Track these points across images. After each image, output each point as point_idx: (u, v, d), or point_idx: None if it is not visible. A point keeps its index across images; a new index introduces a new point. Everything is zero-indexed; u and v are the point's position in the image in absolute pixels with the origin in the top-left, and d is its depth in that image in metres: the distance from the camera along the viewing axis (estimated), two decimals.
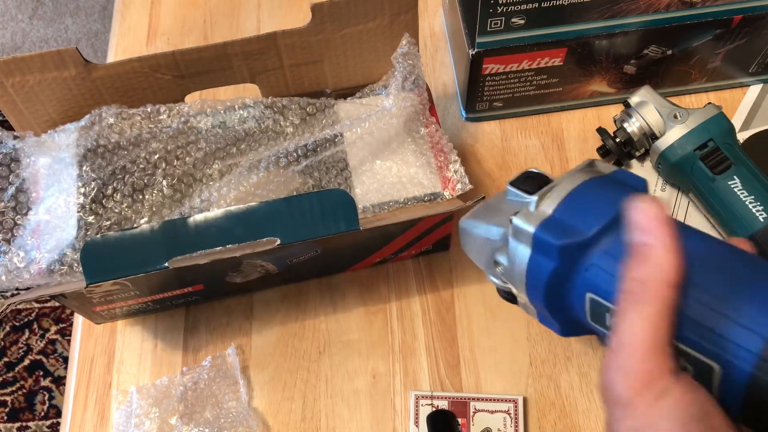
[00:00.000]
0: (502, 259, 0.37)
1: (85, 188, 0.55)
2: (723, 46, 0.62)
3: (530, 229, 0.34)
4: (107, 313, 0.58)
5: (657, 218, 0.29)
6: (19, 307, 1.39)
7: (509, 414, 0.56)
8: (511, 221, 0.35)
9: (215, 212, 0.49)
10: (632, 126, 0.61)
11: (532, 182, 0.37)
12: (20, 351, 1.36)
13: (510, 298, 0.40)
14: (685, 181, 0.60)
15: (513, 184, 0.38)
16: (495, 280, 0.39)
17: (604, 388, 0.29)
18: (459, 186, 0.56)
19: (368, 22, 0.56)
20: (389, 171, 0.57)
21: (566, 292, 0.34)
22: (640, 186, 0.35)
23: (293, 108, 0.58)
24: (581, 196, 0.34)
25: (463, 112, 0.69)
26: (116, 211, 0.55)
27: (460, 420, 0.56)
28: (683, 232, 0.30)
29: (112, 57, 0.76)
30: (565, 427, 0.57)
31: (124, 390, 0.59)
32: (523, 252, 0.35)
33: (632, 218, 0.30)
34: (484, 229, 0.39)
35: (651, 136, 0.60)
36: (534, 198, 0.36)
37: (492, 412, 0.57)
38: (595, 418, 0.57)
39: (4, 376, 1.34)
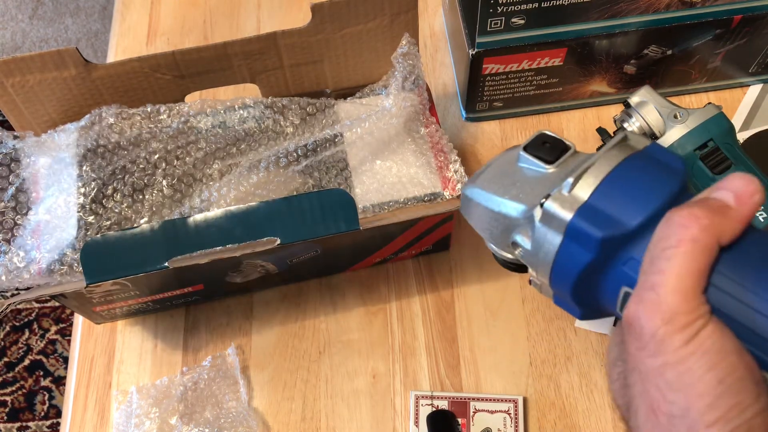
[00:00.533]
0: (523, 241, 0.34)
1: (85, 188, 0.55)
2: (723, 46, 0.62)
3: (566, 216, 0.31)
4: (107, 313, 0.58)
5: (753, 195, 0.29)
6: (19, 307, 1.39)
7: (509, 414, 0.56)
8: (542, 205, 0.32)
9: (215, 212, 0.49)
10: (632, 126, 0.61)
11: (549, 149, 0.35)
12: (20, 351, 1.36)
13: (513, 267, 0.38)
14: None
15: (528, 150, 0.35)
16: (497, 249, 0.37)
17: (633, 323, 0.28)
18: (459, 186, 0.56)
19: (368, 22, 0.56)
20: (389, 171, 0.57)
21: (597, 283, 0.32)
22: (677, 165, 0.32)
23: (293, 108, 0.58)
24: (620, 179, 0.31)
25: (463, 112, 0.69)
26: (116, 211, 0.55)
27: (460, 420, 0.56)
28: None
29: (112, 57, 0.76)
30: (565, 427, 0.57)
31: (124, 390, 0.59)
32: (553, 239, 0.32)
33: (731, 182, 0.29)
34: (499, 203, 0.35)
35: (651, 136, 0.60)
36: (552, 169, 0.34)
37: (492, 412, 0.57)
38: (595, 418, 0.57)
39: (4, 376, 1.34)
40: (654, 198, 0.30)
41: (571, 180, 0.31)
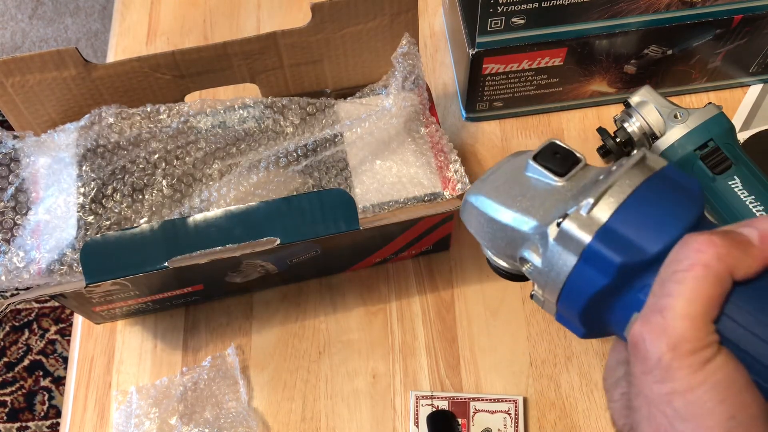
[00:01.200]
0: (532, 257, 0.33)
1: (85, 188, 0.55)
2: (723, 46, 0.62)
3: (584, 238, 0.30)
4: (107, 313, 0.58)
5: None
6: (18, 307, 1.39)
7: (509, 414, 0.56)
8: (558, 224, 0.31)
9: (215, 212, 0.49)
10: (632, 126, 0.61)
11: (560, 161, 0.34)
12: (20, 351, 1.36)
13: (506, 275, 0.37)
14: None
15: (537, 159, 0.34)
16: (495, 257, 0.37)
17: (638, 346, 0.28)
18: (459, 186, 0.56)
19: (368, 22, 0.56)
20: (389, 171, 0.57)
21: (608, 307, 0.31)
22: (694, 189, 0.31)
23: (293, 108, 0.58)
24: (640, 203, 0.30)
25: (463, 112, 0.69)
26: (116, 211, 0.55)
27: (460, 420, 0.56)
28: None
29: (112, 57, 0.76)
30: (565, 427, 0.56)
31: (123, 390, 0.59)
32: (567, 260, 0.31)
33: (760, 222, 0.29)
34: (506, 214, 0.34)
35: (651, 136, 0.60)
36: (562, 182, 0.33)
37: (492, 412, 0.57)
38: (595, 418, 0.57)
39: (3, 376, 1.34)
40: (674, 225, 0.30)
41: (591, 200, 0.30)
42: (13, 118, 0.57)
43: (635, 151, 0.33)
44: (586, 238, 0.30)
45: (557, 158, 0.34)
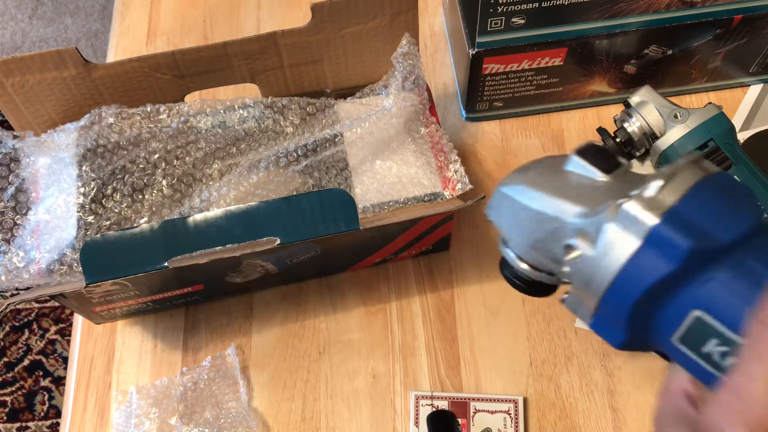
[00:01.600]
0: (582, 245, 0.31)
1: (85, 188, 0.55)
2: (723, 46, 0.62)
3: (650, 220, 0.28)
4: (107, 313, 0.58)
5: None
6: (18, 307, 1.39)
7: (509, 414, 0.56)
8: (620, 206, 0.29)
9: (215, 212, 0.49)
10: (632, 126, 0.61)
11: (605, 159, 0.33)
12: (20, 351, 1.36)
13: (523, 287, 0.36)
14: None
15: (581, 154, 0.33)
16: (516, 259, 0.35)
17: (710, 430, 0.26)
18: (459, 186, 0.56)
19: (368, 22, 0.56)
20: (389, 171, 0.57)
21: (662, 302, 0.29)
22: (750, 192, 0.30)
23: (293, 108, 0.58)
24: (709, 191, 0.29)
25: (463, 112, 0.69)
26: (116, 211, 0.55)
27: (460, 420, 0.56)
28: None
29: (111, 57, 0.76)
30: (565, 427, 0.56)
31: (123, 390, 0.59)
32: (627, 243, 0.28)
33: None
34: (552, 204, 0.33)
35: (651, 136, 0.60)
36: (606, 178, 0.32)
37: (492, 412, 0.57)
38: (595, 418, 0.57)
39: (3, 376, 1.34)
40: (745, 216, 0.28)
41: (660, 182, 0.29)
42: (13, 118, 0.57)
43: (687, 154, 0.31)
44: (653, 219, 0.28)
45: (601, 155, 0.33)
